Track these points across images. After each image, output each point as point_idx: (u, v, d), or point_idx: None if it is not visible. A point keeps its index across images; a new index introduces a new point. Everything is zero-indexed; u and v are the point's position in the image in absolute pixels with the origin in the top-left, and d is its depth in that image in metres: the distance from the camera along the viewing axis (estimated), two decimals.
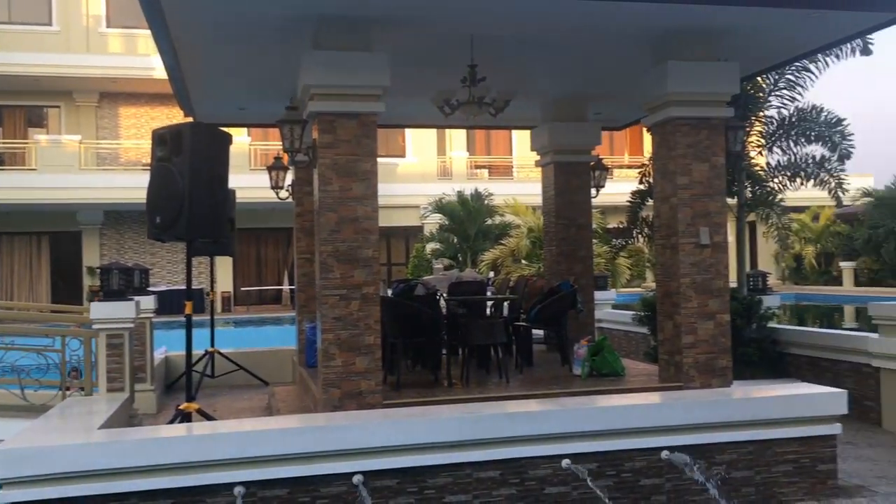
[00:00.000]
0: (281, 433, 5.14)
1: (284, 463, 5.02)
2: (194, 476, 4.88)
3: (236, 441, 5.03)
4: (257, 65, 7.69)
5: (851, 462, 6.81)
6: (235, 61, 7.66)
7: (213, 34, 6.89)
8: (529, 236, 20.35)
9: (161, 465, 4.84)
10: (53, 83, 24.88)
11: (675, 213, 7.25)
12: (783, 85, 10.77)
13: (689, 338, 7.21)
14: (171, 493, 4.86)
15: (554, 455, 5.40)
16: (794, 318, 24.59)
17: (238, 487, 4.91)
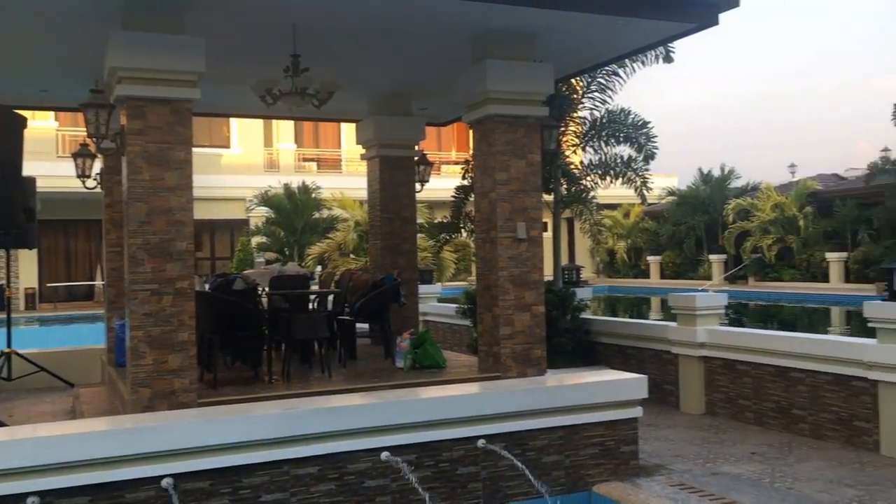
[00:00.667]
0: (80, 437, 4.80)
1: (85, 469, 4.69)
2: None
3: (30, 448, 4.64)
4: (60, 43, 7.15)
5: (652, 442, 7.31)
6: (34, 38, 7.08)
7: (4, 2, 6.31)
8: (357, 230, 20.34)
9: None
10: None
11: (494, 208, 7.46)
12: (595, 88, 11.38)
13: (507, 329, 7.45)
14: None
15: (373, 448, 5.40)
16: (608, 309, 26.09)
17: (32, 498, 4.55)
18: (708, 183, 31.13)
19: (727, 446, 7.20)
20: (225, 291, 7.37)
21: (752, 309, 23.70)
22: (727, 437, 7.58)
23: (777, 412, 7.86)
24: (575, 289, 10.87)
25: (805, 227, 26.55)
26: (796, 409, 7.65)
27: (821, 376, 7.41)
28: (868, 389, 6.96)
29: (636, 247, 34.31)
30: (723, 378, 8.51)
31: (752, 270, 27.99)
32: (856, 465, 6.47)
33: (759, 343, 8.14)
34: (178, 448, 4.93)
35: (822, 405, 7.39)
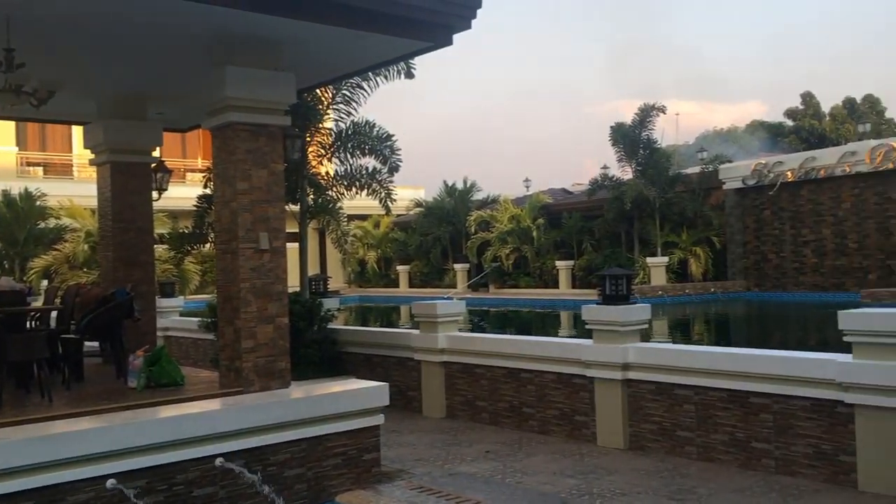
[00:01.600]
0: None
1: None
2: None
3: None
4: None
5: (396, 448, 7.48)
6: None
7: None
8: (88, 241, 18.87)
9: None
10: None
11: (235, 218, 7.24)
12: (340, 99, 11.49)
13: (250, 342, 7.25)
14: None
15: (97, 476, 5.01)
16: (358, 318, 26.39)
17: None
18: (452, 195, 32.62)
19: (464, 447, 7.55)
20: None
21: (493, 315, 25.12)
22: (465, 438, 7.95)
23: (510, 411, 8.38)
24: (322, 299, 10.86)
25: (538, 237, 28.68)
26: (526, 408, 8.21)
27: (546, 376, 8.02)
28: (586, 386, 7.64)
29: (386, 256, 35.09)
30: (462, 382, 8.93)
31: (492, 278, 29.71)
32: (576, 457, 7.06)
33: (492, 347, 8.64)
34: None
35: (548, 402, 7.99)
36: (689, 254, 25.09)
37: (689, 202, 25.66)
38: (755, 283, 25.48)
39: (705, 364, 6.80)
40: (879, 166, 22.35)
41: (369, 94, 11.40)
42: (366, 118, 11.77)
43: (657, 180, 25.27)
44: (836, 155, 24.12)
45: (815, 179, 23.98)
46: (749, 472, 6.37)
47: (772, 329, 19.82)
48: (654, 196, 25.03)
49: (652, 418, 7.18)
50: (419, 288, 31.90)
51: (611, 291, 7.60)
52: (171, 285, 15.00)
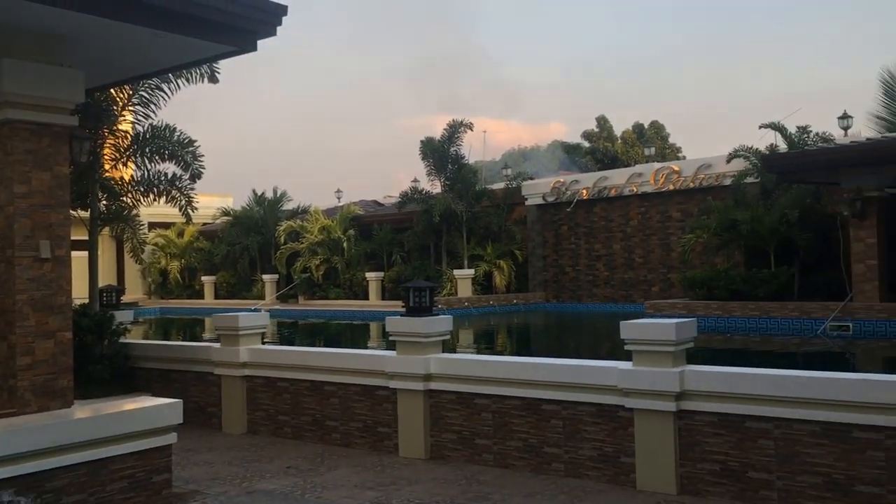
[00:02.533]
0: None
1: None
2: None
3: None
4: None
5: (191, 468, 7.15)
6: None
7: None
8: None
9: None
10: None
11: (11, 224, 6.67)
12: (137, 101, 10.89)
13: (26, 359, 6.70)
14: None
15: None
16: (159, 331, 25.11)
17: None
18: (262, 204, 31.88)
19: (265, 463, 7.35)
20: None
21: (301, 326, 24.77)
22: (266, 453, 7.74)
23: (313, 425, 8.26)
24: (114, 312, 10.20)
25: (348, 248, 28.64)
26: (330, 421, 8.13)
27: (350, 388, 7.99)
28: (389, 397, 7.69)
29: (190, 266, 33.66)
30: (264, 396, 8.70)
31: (301, 289, 29.30)
32: (378, 468, 7.08)
33: (296, 360, 8.49)
34: None
35: (352, 415, 7.96)
36: (494, 266, 26.04)
37: (494, 217, 26.66)
38: (554, 294, 26.90)
39: (502, 374, 7.04)
40: (662, 187, 24.37)
41: (170, 97, 10.89)
42: (166, 122, 11.24)
43: (465, 195, 26.05)
44: (625, 175, 26.02)
45: (607, 198, 25.73)
46: (541, 476, 6.65)
47: (567, 338, 21.00)
48: (461, 210, 25.77)
49: (452, 427, 7.34)
50: (226, 299, 30.87)
51: (414, 303, 7.70)
52: None
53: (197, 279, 33.32)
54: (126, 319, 10.34)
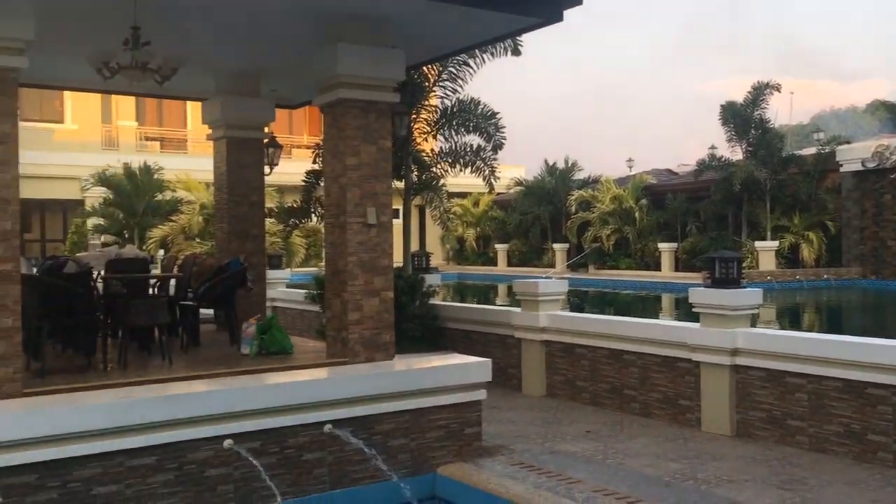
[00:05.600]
0: None
1: None
2: None
3: None
4: None
5: (496, 425, 7.54)
6: None
7: None
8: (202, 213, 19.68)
9: None
10: None
11: (344, 193, 7.40)
12: (446, 77, 11.53)
13: (356, 314, 7.43)
14: None
15: (216, 436, 5.27)
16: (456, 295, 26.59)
17: None
18: (553, 174, 32.29)
19: (564, 426, 7.54)
20: (55, 275, 6.93)
21: (591, 295, 24.86)
22: (564, 416, 7.94)
23: (611, 392, 8.30)
24: (424, 275, 10.99)
25: (640, 218, 28.10)
26: (628, 390, 8.12)
27: (650, 358, 7.89)
28: (692, 370, 7.49)
29: (485, 235, 35.15)
30: (562, 361, 8.90)
31: (592, 259, 29.34)
32: (679, 441, 6.95)
33: (595, 328, 8.56)
34: None
35: (651, 385, 7.88)
36: (802, 238, 24.09)
37: (802, 185, 24.61)
38: (872, 269, 24.23)
39: (819, 352, 6.55)
40: None
41: (475, 72, 11.41)
42: (470, 96, 11.79)
43: (768, 161, 24.32)
44: None
45: None
46: (864, 465, 6.12)
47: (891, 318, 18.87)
48: (764, 178, 24.12)
49: (761, 406, 6.98)
50: (517, 267, 31.84)
51: (720, 274, 7.39)
52: (279, 258, 15.48)
53: (491, 247, 34.73)
54: (434, 283, 11.09)
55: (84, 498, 4.84)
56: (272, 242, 18.52)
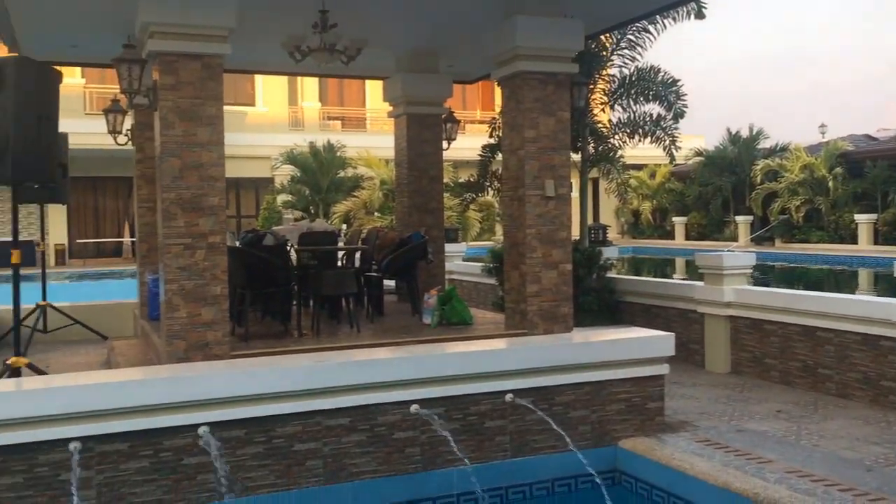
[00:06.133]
0: (119, 385, 4.93)
1: (124, 416, 4.83)
2: (24, 432, 4.62)
3: (70, 395, 4.78)
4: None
5: (678, 400, 7.36)
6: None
7: None
8: (382, 188, 20.40)
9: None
10: None
11: (522, 166, 7.45)
12: (625, 45, 11.24)
13: (534, 287, 7.49)
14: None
15: (403, 401, 5.49)
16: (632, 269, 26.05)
17: (73, 443, 4.69)
18: (736, 143, 30.72)
19: (752, 404, 7.23)
20: (256, 247, 7.46)
21: (778, 270, 23.53)
22: (752, 395, 7.61)
23: (803, 371, 7.87)
24: (601, 248, 10.86)
25: (834, 188, 26.21)
26: (823, 369, 7.65)
27: (848, 336, 7.39)
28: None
29: (661, 207, 34.09)
30: (749, 337, 8.52)
31: (779, 232, 27.73)
32: (882, 424, 6.48)
33: (787, 303, 8.12)
34: (214, 397, 5.06)
35: (849, 364, 7.38)
36: None
37: None
38: None
39: None
40: None
41: (655, 39, 11.05)
42: (650, 63, 11.44)
43: None
44: None
45: None
46: None
47: None
48: None
49: None
50: (696, 241, 30.66)
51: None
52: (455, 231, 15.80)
53: (668, 220, 33.64)
54: (612, 256, 10.93)
55: (286, 453, 5.21)
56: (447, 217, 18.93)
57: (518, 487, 5.71)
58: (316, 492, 5.26)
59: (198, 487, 5.00)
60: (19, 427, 4.61)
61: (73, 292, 16.42)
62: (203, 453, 4.96)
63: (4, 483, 4.61)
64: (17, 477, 4.63)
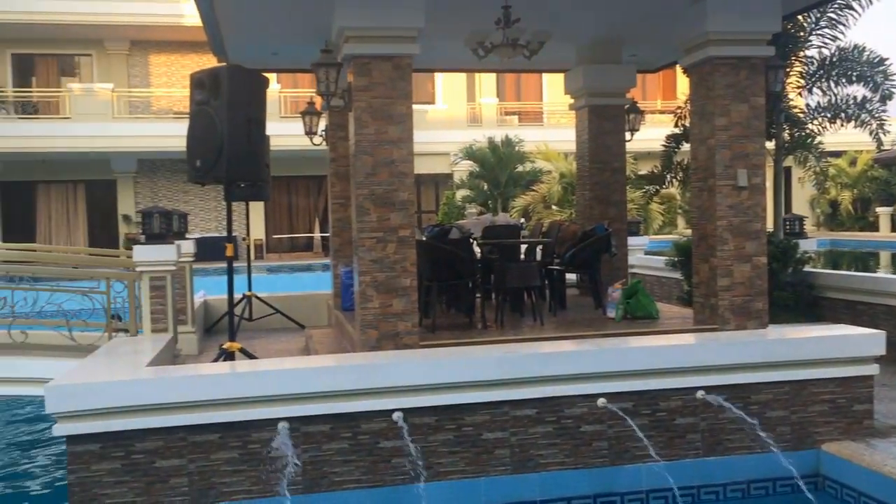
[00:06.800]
0: (322, 371, 5.26)
1: (326, 399, 5.15)
2: (239, 411, 5.03)
3: (279, 378, 5.16)
4: (291, 7, 7.64)
5: (887, 403, 6.81)
6: (270, 4, 7.62)
7: None
8: (561, 182, 20.29)
9: (207, 401, 4.99)
10: (84, 31, 24.97)
11: (712, 155, 7.18)
12: (825, 23, 10.49)
13: (725, 280, 7.19)
14: (217, 427, 5.02)
15: (589, 394, 5.47)
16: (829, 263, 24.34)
17: (282, 423, 5.06)
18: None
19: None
20: (442, 240, 7.67)
21: None
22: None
23: None
24: (797, 240, 10.23)
25: None
26: None
27: None
28: None
29: (863, 197, 31.55)
30: None
31: None
32: None
33: None
34: (407, 385, 5.28)
35: None
36: None
37: None
38: None
39: None
40: None
41: (860, 15, 10.24)
42: (853, 42, 10.62)
43: None
44: None
45: None
46: None
47: None
48: None
49: None
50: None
51: None
52: (636, 224, 15.42)
53: (870, 210, 31.10)
54: (809, 248, 10.28)
55: (475, 440, 5.34)
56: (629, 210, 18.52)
57: (711, 488, 5.53)
58: (504, 480, 5.36)
59: (393, 470, 5.23)
60: (235, 406, 5.03)
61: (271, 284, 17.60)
62: (397, 437, 5.18)
63: (222, 457, 5.05)
64: (232, 452, 5.06)
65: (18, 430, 9.31)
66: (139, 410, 4.91)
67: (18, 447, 8.63)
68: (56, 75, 26.59)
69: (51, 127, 23.73)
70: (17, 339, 7.33)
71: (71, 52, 26.56)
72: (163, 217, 7.77)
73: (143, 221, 7.81)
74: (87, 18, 24.21)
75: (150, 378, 5.16)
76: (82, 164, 25.25)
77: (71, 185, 26.34)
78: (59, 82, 26.28)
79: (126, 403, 4.89)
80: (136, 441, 4.93)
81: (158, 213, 7.75)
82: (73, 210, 26.41)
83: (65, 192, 26.38)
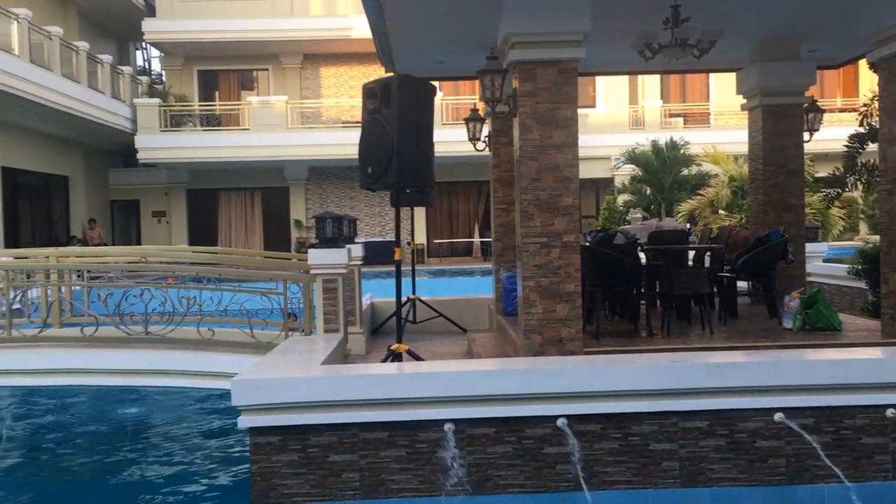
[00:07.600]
0: (487, 374, 5.32)
1: (490, 403, 5.20)
2: (407, 411, 5.18)
3: (445, 380, 5.26)
4: (458, 16, 7.78)
5: None
6: (437, 14, 7.80)
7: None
8: (730, 185, 19.44)
9: (378, 400, 5.17)
10: (262, 47, 26.65)
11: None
12: None
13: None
14: (387, 425, 5.19)
15: (765, 408, 5.22)
16: None
17: (448, 424, 5.15)
18: None
19: None
20: (607, 245, 7.55)
21: None
22: None
23: None
24: None
25: None
26: None
27: None
28: None
29: None
30: None
31: None
32: None
33: None
34: (570, 391, 5.24)
35: None
36: None
37: None
38: None
39: None
40: None
41: None
42: None
43: None
44: None
45: None
46: None
47: None
48: None
49: None
50: None
51: None
52: (815, 230, 14.53)
53: None
54: None
55: (642, 451, 5.22)
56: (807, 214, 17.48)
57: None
58: (673, 494, 5.21)
59: (557, 477, 5.21)
60: (403, 406, 5.18)
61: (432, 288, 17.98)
62: (562, 444, 5.16)
63: (390, 455, 5.21)
64: (400, 450, 5.21)
65: (202, 420, 10.04)
66: (315, 406, 5.16)
67: (204, 436, 9.30)
68: (237, 89, 28.49)
69: (232, 138, 25.46)
70: (204, 335, 7.90)
71: (250, 67, 28.38)
72: (335, 222, 8.12)
73: (316, 226, 8.20)
74: (265, 35, 25.84)
75: (324, 376, 5.41)
76: (259, 172, 26.90)
77: (249, 193, 28.11)
78: (240, 96, 28.14)
79: (302, 399, 5.16)
80: (312, 435, 5.19)
81: (331, 218, 8.11)
82: (250, 216, 28.17)
83: (243, 199, 28.20)
